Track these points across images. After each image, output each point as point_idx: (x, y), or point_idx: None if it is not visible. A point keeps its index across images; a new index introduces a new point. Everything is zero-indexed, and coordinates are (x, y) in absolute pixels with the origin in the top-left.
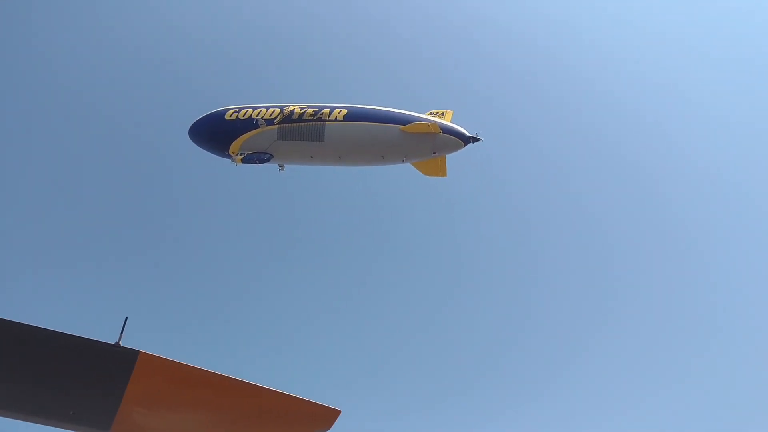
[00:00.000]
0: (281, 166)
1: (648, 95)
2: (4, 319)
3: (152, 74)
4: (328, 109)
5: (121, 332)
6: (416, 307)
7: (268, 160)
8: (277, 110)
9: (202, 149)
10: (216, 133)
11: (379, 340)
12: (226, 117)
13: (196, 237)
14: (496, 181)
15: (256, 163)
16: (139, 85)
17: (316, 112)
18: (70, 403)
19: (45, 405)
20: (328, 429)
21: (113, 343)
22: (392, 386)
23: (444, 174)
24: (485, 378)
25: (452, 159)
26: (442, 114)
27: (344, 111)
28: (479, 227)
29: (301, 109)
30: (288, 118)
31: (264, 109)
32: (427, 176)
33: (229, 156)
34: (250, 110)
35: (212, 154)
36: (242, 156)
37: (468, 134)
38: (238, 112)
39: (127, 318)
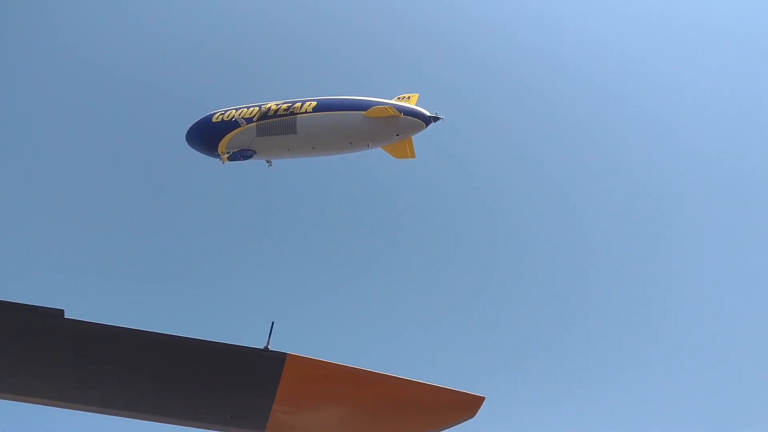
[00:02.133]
0: (269, 162)
1: (610, 78)
2: (168, 334)
3: (156, 82)
4: (300, 103)
5: (269, 336)
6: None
7: (251, 156)
8: (257, 109)
9: (198, 152)
10: (206, 135)
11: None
12: (214, 120)
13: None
14: (464, 159)
15: (240, 159)
16: (140, 92)
17: (289, 107)
18: (227, 407)
19: (205, 410)
20: (473, 416)
21: (262, 348)
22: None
23: (413, 155)
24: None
25: (422, 140)
26: (408, 98)
27: (314, 103)
28: (450, 206)
29: (277, 105)
30: (265, 115)
31: (245, 109)
32: (397, 159)
33: (218, 156)
34: (234, 111)
35: (207, 156)
36: (228, 154)
37: (428, 114)
38: (224, 114)
39: (273, 323)
